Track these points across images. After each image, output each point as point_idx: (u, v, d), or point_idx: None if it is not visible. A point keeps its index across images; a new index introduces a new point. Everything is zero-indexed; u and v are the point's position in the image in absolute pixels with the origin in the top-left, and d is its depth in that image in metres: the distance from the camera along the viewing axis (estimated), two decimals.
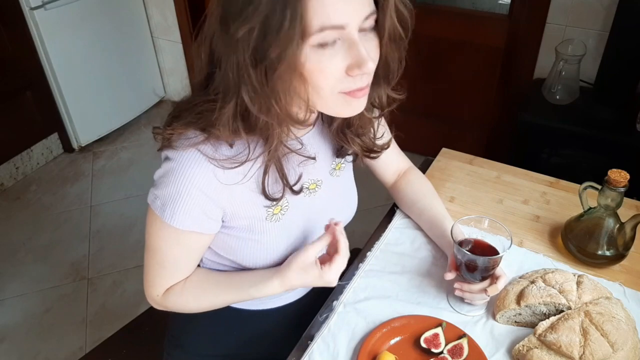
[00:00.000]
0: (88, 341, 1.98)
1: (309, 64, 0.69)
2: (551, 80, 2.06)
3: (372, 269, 1.08)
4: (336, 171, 1.00)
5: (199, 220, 0.83)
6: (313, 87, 0.72)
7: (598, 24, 2.08)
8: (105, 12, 2.89)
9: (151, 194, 0.83)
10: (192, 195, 0.79)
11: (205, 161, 0.78)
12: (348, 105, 0.77)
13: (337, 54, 0.70)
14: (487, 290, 0.93)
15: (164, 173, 0.80)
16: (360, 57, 0.70)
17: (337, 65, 0.71)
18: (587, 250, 1.05)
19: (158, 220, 0.83)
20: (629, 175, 0.97)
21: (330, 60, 0.70)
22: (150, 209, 0.84)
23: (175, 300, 0.94)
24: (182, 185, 0.78)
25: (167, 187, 0.79)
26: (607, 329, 0.86)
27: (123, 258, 2.34)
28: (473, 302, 0.97)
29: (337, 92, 0.74)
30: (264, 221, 0.89)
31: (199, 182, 0.79)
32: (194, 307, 0.96)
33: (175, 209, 0.80)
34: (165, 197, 0.80)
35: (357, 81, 0.74)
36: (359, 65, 0.71)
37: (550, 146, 2.06)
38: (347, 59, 0.71)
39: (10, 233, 2.50)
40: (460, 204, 1.24)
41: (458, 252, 0.93)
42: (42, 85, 2.74)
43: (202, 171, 0.78)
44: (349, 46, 0.70)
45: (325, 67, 0.70)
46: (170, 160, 0.79)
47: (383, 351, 0.90)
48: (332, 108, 0.78)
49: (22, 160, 2.82)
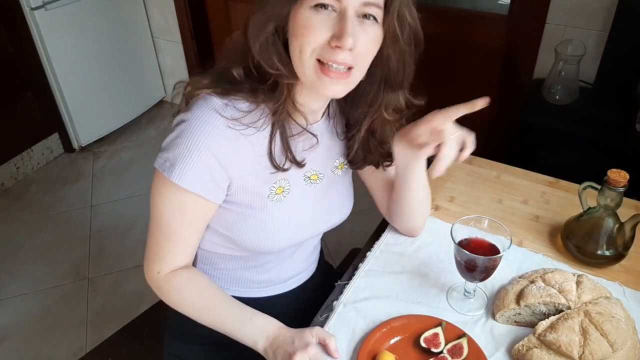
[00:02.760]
0: (88, 341, 1.98)
1: (298, 19, 0.77)
2: (551, 81, 2.06)
3: (371, 269, 1.08)
4: (337, 169, 1.03)
5: (206, 184, 0.85)
6: (297, 44, 0.79)
7: (598, 25, 2.08)
8: (106, 13, 2.89)
9: (160, 158, 0.85)
10: (203, 156, 0.82)
11: (222, 126, 0.82)
12: (320, 82, 0.81)
13: (326, 23, 0.77)
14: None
15: (178, 135, 0.83)
16: (343, 30, 0.76)
17: (322, 32, 0.77)
18: (587, 250, 1.05)
19: (165, 184, 0.85)
20: (628, 175, 0.98)
21: (320, 23, 0.77)
22: (158, 174, 0.86)
23: (176, 287, 0.94)
24: (195, 145, 0.82)
25: (179, 147, 0.82)
26: (607, 328, 0.86)
27: (123, 258, 2.34)
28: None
29: (315, 56, 0.79)
30: (266, 199, 0.92)
31: (212, 144, 0.82)
32: (187, 304, 0.96)
33: (185, 168, 0.82)
34: (176, 157, 0.82)
35: (334, 54, 0.78)
36: (339, 37, 0.76)
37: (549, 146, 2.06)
38: (333, 30, 0.77)
39: (11, 233, 2.50)
40: (459, 204, 1.25)
41: (457, 252, 0.93)
42: (43, 85, 2.74)
43: (216, 134, 0.82)
44: (339, 19, 0.77)
45: (313, 26, 0.77)
46: (185, 121, 0.83)
47: (383, 351, 0.90)
48: (307, 75, 0.81)
49: (22, 160, 2.83)
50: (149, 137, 3.19)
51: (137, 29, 3.12)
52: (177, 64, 3.27)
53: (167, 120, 3.31)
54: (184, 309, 0.97)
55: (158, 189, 0.87)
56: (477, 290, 1.01)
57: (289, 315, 1.12)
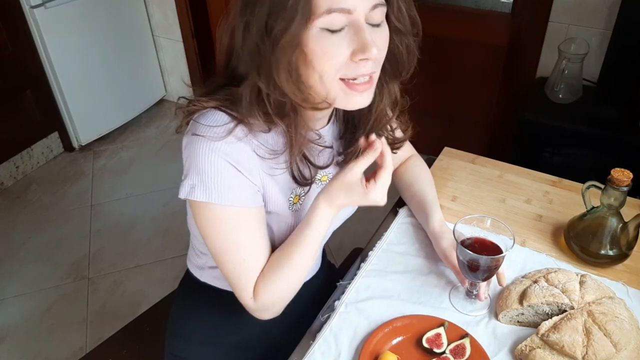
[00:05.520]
0: (88, 341, 1.98)
1: (313, 46, 0.72)
2: (554, 79, 2.06)
3: (374, 269, 1.07)
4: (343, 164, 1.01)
5: (247, 193, 0.83)
6: (316, 71, 0.74)
7: (601, 23, 2.07)
8: (106, 11, 2.88)
9: (185, 187, 0.81)
10: (230, 171, 0.80)
11: (240, 140, 0.80)
12: (348, 98, 0.78)
13: (343, 41, 0.73)
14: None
15: (194, 159, 0.80)
16: (365, 42, 0.72)
17: (342, 51, 0.73)
18: (590, 249, 1.05)
19: (207, 208, 0.82)
20: (632, 174, 0.97)
21: (335, 46, 0.73)
22: (195, 204, 0.83)
23: (265, 291, 0.89)
24: (219, 164, 0.79)
25: (204, 170, 0.79)
26: (610, 328, 0.85)
27: (124, 258, 2.34)
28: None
29: (338, 77, 0.76)
30: (287, 210, 0.91)
31: (233, 159, 0.80)
32: (284, 286, 0.90)
33: (221, 187, 0.80)
34: (204, 180, 0.79)
35: (360, 67, 0.75)
36: (363, 50, 0.73)
37: (553, 145, 2.06)
38: (352, 45, 0.73)
39: (10, 232, 2.50)
40: (462, 203, 1.24)
41: (460, 251, 0.93)
42: (42, 84, 2.74)
43: (231, 149, 0.80)
44: (355, 32, 0.73)
45: (330, 51, 0.73)
46: (195, 144, 0.79)
47: (385, 351, 0.90)
48: (333, 97, 0.79)
49: (22, 159, 2.82)
50: (149, 136, 3.18)
51: (138, 27, 3.12)
52: (177, 62, 3.26)
53: (168, 119, 3.31)
54: (289, 287, 0.91)
55: (205, 219, 0.83)
56: (479, 290, 1.00)
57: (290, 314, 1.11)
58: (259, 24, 0.72)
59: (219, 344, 1.11)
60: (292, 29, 0.70)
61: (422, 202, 1.13)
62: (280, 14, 0.69)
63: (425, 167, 1.21)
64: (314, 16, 0.70)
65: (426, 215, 1.10)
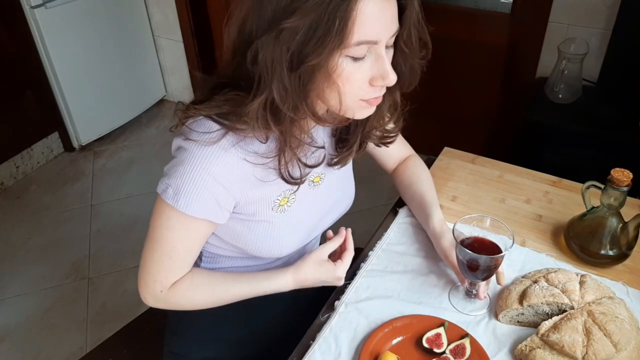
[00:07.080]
0: (88, 341, 1.98)
1: (339, 72, 0.75)
2: (554, 79, 2.06)
3: (373, 269, 1.07)
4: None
5: (212, 208, 0.85)
6: (339, 93, 0.78)
7: (601, 23, 2.07)
8: (106, 11, 2.88)
9: (162, 184, 0.84)
10: (207, 184, 0.82)
11: (221, 150, 0.81)
12: (363, 110, 0.83)
13: (364, 66, 0.76)
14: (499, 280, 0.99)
15: (179, 162, 0.82)
16: (385, 71, 0.77)
17: (363, 76, 0.77)
18: (590, 249, 1.05)
19: (170, 210, 0.84)
20: (632, 174, 0.97)
21: (358, 71, 0.76)
22: (160, 199, 0.85)
23: (182, 295, 0.94)
24: (198, 174, 0.81)
25: (182, 175, 0.81)
26: (610, 328, 0.85)
27: (124, 258, 2.34)
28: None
29: (358, 99, 0.80)
30: (270, 211, 0.92)
31: (213, 171, 0.81)
32: (200, 302, 0.97)
33: (191, 198, 0.82)
34: (179, 185, 0.82)
35: (378, 91, 0.80)
36: (383, 78, 0.77)
37: (552, 145, 2.06)
38: (372, 71, 0.77)
39: (10, 233, 2.50)
40: (462, 203, 1.24)
41: (460, 251, 0.93)
42: (43, 84, 2.74)
43: (217, 161, 0.81)
44: (376, 59, 0.77)
45: (353, 77, 0.76)
46: (185, 150, 0.81)
47: (385, 351, 0.90)
48: (350, 112, 0.83)
49: (22, 159, 2.82)
50: (149, 136, 3.18)
51: (138, 27, 3.12)
52: (177, 62, 3.26)
53: (168, 119, 3.31)
54: (201, 306, 0.97)
55: (160, 214, 0.86)
56: (479, 289, 1.00)
57: (290, 314, 1.11)
58: (287, 50, 0.71)
59: (218, 340, 1.11)
60: (327, 62, 0.73)
61: (422, 202, 1.13)
62: (316, 46, 0.70)
63: (424, 167, 1.21)
64: (345, 47, 0.72)
65: (426, 215, 1.10)
